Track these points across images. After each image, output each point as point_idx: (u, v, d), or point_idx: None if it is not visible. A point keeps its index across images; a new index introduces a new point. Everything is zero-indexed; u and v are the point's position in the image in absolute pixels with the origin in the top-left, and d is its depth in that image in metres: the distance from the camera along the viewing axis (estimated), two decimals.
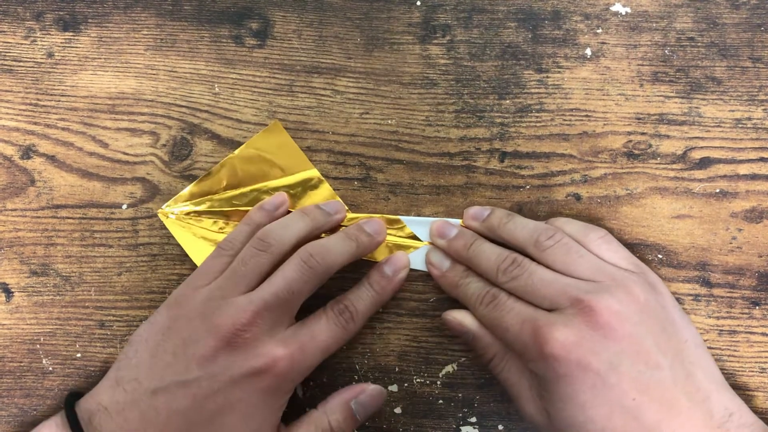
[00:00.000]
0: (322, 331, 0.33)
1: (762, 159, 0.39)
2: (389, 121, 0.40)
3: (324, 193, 0.39)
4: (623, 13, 0.41)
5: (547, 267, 0.34)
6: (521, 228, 0.35)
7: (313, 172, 0.39)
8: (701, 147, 0.39)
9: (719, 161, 0.39)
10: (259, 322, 0.31)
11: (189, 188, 0.39)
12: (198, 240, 0.38)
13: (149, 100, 0.41)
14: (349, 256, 0.35)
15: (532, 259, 0.34)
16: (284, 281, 0.33)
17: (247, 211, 0.38)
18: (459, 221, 0.38)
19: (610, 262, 0.34)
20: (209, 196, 0.39)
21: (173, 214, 0.39)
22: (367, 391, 0.35)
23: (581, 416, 0.30)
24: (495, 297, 0.34)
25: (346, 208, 0.39)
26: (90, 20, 0.41)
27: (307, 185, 0.39)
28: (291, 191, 0.39)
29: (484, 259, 0.35)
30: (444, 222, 0.38)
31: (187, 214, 0.39)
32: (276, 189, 0.39)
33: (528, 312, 0.32)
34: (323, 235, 0.37)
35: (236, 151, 0.39)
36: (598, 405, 0.30)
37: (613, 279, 0.32)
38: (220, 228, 0.39)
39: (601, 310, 0.31)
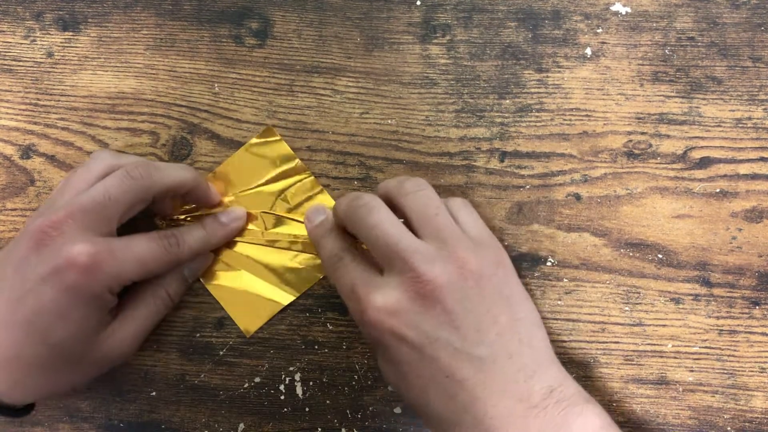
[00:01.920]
0: (140, 245, 0.33)
1: (762, 159, 0.39)
2: (389, 121, 0.40)
3: (318, 196, 0.39)
4: (623, 13, 0.41)
5: (404, 216, 0.33)
6: (392, 179, 0.35)
7: (308, 177, 0.39)
8: (701, 147, 0.39)
9: (719, 161, 0.39)
10: (70, 223, 0.31)
11: None
12: None
13: (149, 100, 0.40)
14: (181, 183, 0.35)
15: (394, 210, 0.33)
16: (103, 186, 0.33)
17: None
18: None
19: (464, 228, 0.33)
20: (199, 213, 0.39)
21: (171, 221, 0.39)
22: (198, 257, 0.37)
23: (399, 383, 0.31)
24: (340, 259, 0.34)
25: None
26: (90, 20, 0.41)
27: (301, 189, 0.39)
28: (285, 194, 0.39)
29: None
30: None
31: (184, 219, 0.39)
32: (270, 193, 0.39)
33: (358, 275, 0.32)
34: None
35: (230, 157, 0.39)
36: (415, 377, 0.30)
37: (455, 247, 0.31)
38: None
39: (428, 280, 0.30)
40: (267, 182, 0.39)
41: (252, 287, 0.38)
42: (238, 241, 0.38)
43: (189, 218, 0.38)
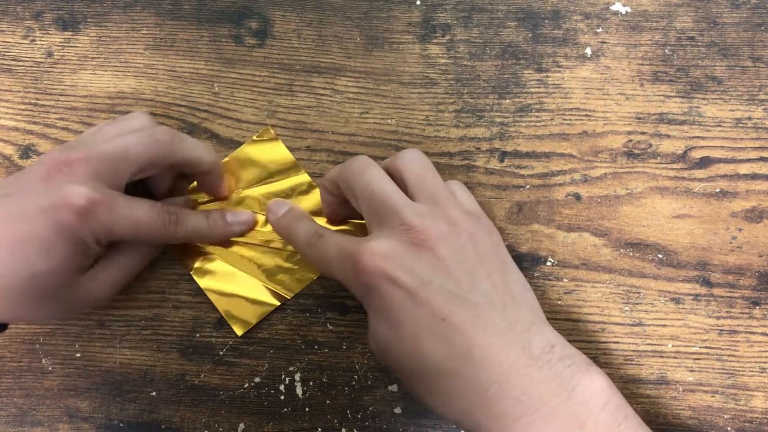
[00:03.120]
0: (142, 209, 0.33)
1: (762, 159, 0.39)
2: (389, 121, 0.40)
3: (315, 198, 0.39)
4: (623, 13, 0.41)
5: (401, 181, 0.33)
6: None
7: (304, 177, 0.39)
8: (701, 146, 0.39)
9: (719, 161, 0.39)
10: (83, 164, 0.32)
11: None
12: (186, 245, 0.38)
13: (148, 100, 0.40)
14: (198, 159, 0.36)
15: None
16: (124, 140, 0.33)
17: None
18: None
19: (459, 201, 0.33)
20: (202, 204, 0.39)
21: None
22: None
23: (392, 335, 0.29)
24: (320, 236, 0.34)
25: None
26: (89, 20, 0.41)
27: (298, 191, 0.39)
28: (282, 196, 0.39)
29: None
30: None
31: None
32: (267, 194, 0.39)
33: (345, 240, 0.32)
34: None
35: (227, 158, 0.39)
36: (408, 323, 0.29)
37: (449, 209, 0.31)
38: None
39: (420, 230, 0.30)
40: (264, 182, 0.39)
41: (245, 287, 0.38)
42: (232, 240, 0.38)
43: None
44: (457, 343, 0.28)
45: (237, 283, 0.38)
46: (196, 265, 0.38)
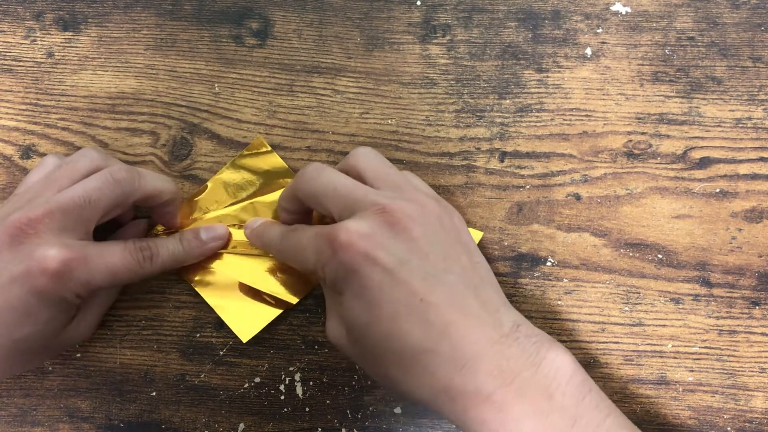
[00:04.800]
0: (114, 254, 0.33)
1: (762, 159, 0.39)
2: (389, 121, 0.40)
3: None
4: (623, 13, 0.41)
5: (356, 175, 0.33)
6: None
7: None
8: (701, 147, 0.39)
9: (719, 161, 0.39)
10: (47, 222, 0.31)
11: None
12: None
13: (149, 100, 0.40)
14: (163, 192, 0.35)
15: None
16: (83, 188, 0.32)
17: (235, 227, 0.39)
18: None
19: (417, 188, 0.34)
20: (199, 217, 0.39)
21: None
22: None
23: (368, 316, 0.29)
24: (293, 229, 0.34)
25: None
26: (90, 20, 0.41)
27: None
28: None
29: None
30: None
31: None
32: (265, 204, 0.39)
33: (320, 227, 0.32)
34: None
35: (222, 170, 0.39)
36: (386, 303, 0.29)
37: (413, 194, 0.32)
38: None
39: (394, 210, 0.30)
40: (261, 193, 0.39)
41: (248, 296, 0.38)
42: (235, 252, 0.38)
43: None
44: (434, 323, 0.29)
45: (240, 292, 0.38)
46: (197, 278, 0.38)
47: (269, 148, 0.39)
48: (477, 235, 0.38)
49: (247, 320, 0.38)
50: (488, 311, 0.30)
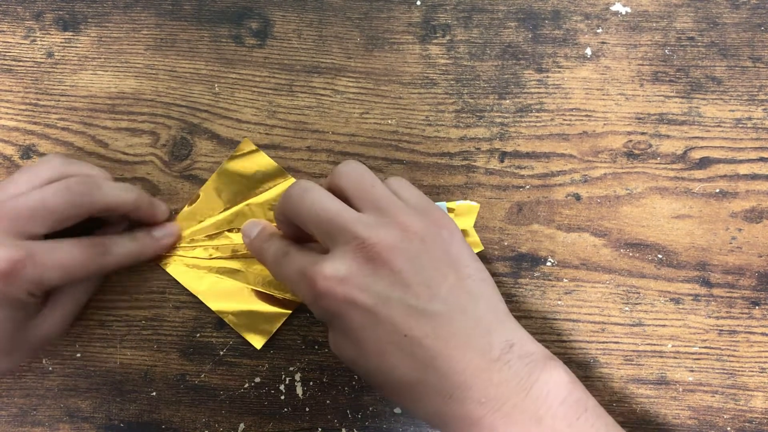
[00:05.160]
0: (66, 251, 0.33)
1: (762, 159, 0.39)
2: (389, 121, 0.40)
3: None
4: (623, 13, 0.41)
5: (340, 194, 0.33)
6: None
7: (290, 181, 0.39)
8: (701, 147, 0.39)
9: (719, 161, 0.39)
10: None
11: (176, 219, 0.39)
12: (190, 270, 0.38)
13: (149, 100, 0.40)
14: (122, 204, 0.35)
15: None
16: (40, 194, 0.32)
17: (233, 232, 0.39)
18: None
19: (403, 199, 0.33)
20: (196, 224, 0.39)
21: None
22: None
23: (357, 353, 0.30)
24: (286, 254, 0.33)
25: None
26: (90, 20, 0.41)
27: None
28: (274, 203, 0.39)
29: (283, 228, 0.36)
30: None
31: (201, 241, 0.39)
32: (259, 205, 0.39)
33: (306, 259, 0.32)
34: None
35: (213, 175, 0.39)
36: (371, 342, 0.29)
37: (396, 214, 0.31)
38: (210, 255, 0.39)
39: (373, 244, 0.30)
40: (253, 195, 0.39)
41: (256, 300, 0.38)
42: (235, 257, 0.38)
43: (185, 243, 0.39)
44: (420, 356, 0.29)
45: (246, 298, 0.38)
46: (203, 288, 0.38)
47: (256, 148, 0.39)
48: (473, 208, 0.38)
49: (259, 326, 0.38)
50: (477, 335, 0.29)
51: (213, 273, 0.38)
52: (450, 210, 0.38)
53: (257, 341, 0.38)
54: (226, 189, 0.39)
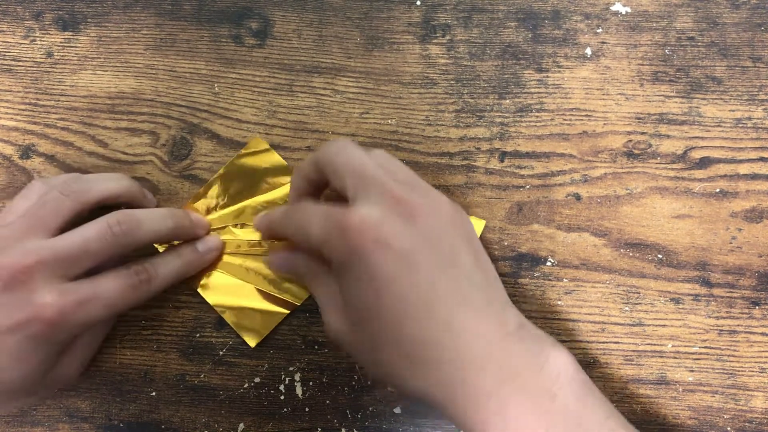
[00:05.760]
0: (110, 289, 0.33)
1: (762, 159, 0.39)
2: (389, 121, 0.40)
3: None
4: (623, 13, 0.41)
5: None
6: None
7: None
8: (701, 147, 0.39)
9: (719, 161, 0.39)
10: (41, 269, 0.31)
11: None
12: None
13: (149, 100, 0.40)
14: (162, 233, 0.35)
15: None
16: (82, 239, 0.32)
17: (238, 227, 0.38)
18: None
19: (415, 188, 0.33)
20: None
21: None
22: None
23: (374, 301, 0.29)
24: (302, 203, 0.33)
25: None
26: (89, 20, 0.41)
27: None
28: (281, 203, 0.39)
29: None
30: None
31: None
32: (266, 203, 0.39)
33: (333, 208, 0.31)
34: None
35: (221, 170, 0.39)
36: (393, 288, 0.29)
37: (429, 193, 0.32)
38: None
39: (407, 201, 0.30)
40: (262, 192, 0.39)
41: (253, 298, 0.38)
42: (237, 253, 0.38)
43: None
44: (439, 313, 0.29)
45: (245, 295, 0.38)
46: (202, 282, 0.38)
47: (267, 147, 0.39)
48: (479, 223, 0.38)
49: (254, 324, 0.38)
50: (494, 308, 0.30)
51: (215, 267, 0.38)
52: None
53: (252, 339, 0.38)
54: (233, 185, 0.39)
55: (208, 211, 0.39)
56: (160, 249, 0.38)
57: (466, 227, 0.32)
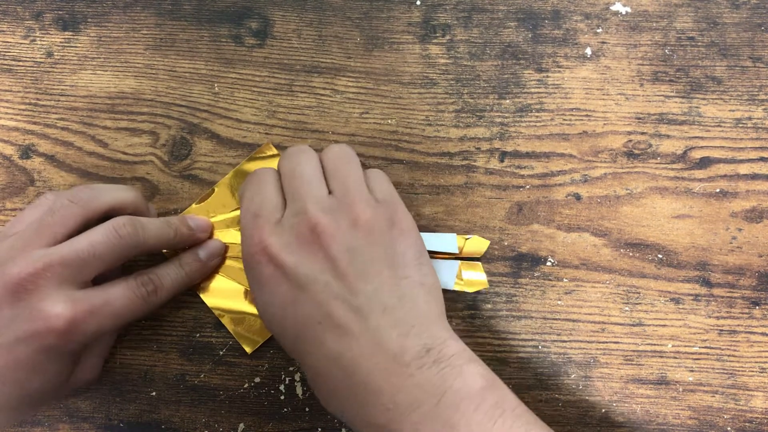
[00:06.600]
0: (118, 298, 0.33)
1: (762, 159, 0.39)
2: (389, 121, 0.40)
3: None
4: (623, 13, 0.41)
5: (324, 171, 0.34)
6: None
7: None
8: (701, 147, 0.39)
9: (719, 161, 0.39)
10: (49, 276, 0.30)
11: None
12: None
13: (149, 100, 0.40)
14: (164, 241, 0.35)
15: None
16: (88, 242, 0.32)
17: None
18: None
19: (372, 188, 0.34)
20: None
21: None
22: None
23: (279, 328, 0.31)
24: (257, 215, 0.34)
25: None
26: (89, 20, 0.41)
27: None
28: None
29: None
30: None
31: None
32: None
33: (257, 219, 0.32)
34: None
35: (229, 174, 0.39)
36: (291, 318, 0.30)
37: (354, 199, 0.32)
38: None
39: (317, 225, 0.31)
40: None
41: (252, 305, 0.38)
42: (239, 257, 0.38)
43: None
44: (329, 347, 0.29)
45: (244, 301, 0.38)
46: (203, 284, 0.38)
47: (277, 153, 0.39)
48: (483, 244, 0.38)
49: (252, 330, 0.38)
50: (390, 338, 0.29)
51: (216, 270, 0.38)
52: (457, 255, 0.38)
53: (249, 346, 0.38)
54: (239, 187, 0.39)
55: (213, 214, 0.39)
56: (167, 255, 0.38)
57: (392, 241, 0.32)
